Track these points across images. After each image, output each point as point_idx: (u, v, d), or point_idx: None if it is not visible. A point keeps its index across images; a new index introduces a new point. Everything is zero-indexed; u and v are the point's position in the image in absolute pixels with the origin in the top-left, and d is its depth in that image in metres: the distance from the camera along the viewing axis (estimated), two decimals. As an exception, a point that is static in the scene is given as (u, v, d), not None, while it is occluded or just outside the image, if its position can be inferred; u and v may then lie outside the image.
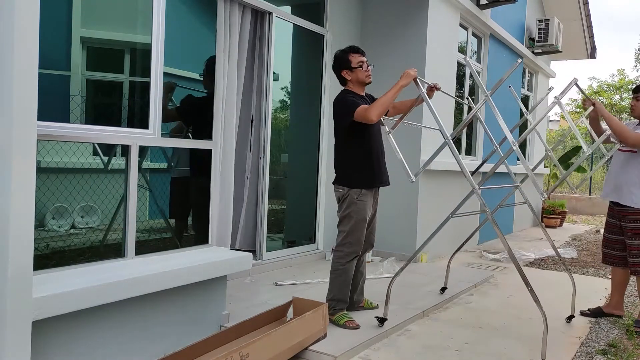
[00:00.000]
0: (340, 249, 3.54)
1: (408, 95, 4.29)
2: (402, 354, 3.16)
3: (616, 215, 4.00)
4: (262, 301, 3.92)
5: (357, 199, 3.48)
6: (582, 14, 10.08)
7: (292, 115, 5.86)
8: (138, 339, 2.83)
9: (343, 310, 3.55)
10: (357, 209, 3.49)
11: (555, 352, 3.31)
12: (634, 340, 3.63)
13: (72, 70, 3.17)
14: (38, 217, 2.78)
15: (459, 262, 5.92)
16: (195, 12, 4.30)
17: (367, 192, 3.52)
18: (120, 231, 3.18)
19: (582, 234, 9.39)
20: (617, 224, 4.01)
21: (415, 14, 5.79)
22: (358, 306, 3.79)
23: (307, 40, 5.60)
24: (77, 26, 3.21)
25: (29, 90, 2.12)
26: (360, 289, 3.81)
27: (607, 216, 4.13)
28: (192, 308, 3.15)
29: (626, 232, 3.90)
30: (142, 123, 3.36)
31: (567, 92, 3.44)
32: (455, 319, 3.89)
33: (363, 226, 3.53)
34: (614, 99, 24.14)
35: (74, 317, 2.48)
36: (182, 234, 4.06)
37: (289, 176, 5.84)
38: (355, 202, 3.48)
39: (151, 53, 3.38)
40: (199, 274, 3.09)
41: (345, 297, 3.56)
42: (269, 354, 2.68)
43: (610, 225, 4.08)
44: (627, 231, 3.88)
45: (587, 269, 6.11)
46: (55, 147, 2.88)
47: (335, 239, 3.63)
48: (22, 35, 2.08)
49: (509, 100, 5.36)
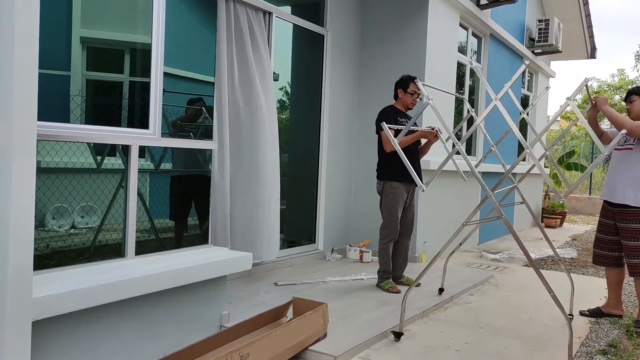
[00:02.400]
0: (381, 232, 4.46)
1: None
2: (402, 354, 3.16)
3: (610, 215, 3.96)
4: (262, 301, 3.92)
5: (390, 190, 4.34)
6: (582, 14, 10.08)
7: (292, 115, 5.86)
8: (138, 339, 2.82)
9: (388, 278, 4.46)
10: (390, 199, 4.35)
11: (555, 352, 3.31)
12: (634, 340, 3.62)
13: (72, 70, 3.17)
14: (38, 217, 2.78)
15: (459, 262, 5.92)
16: (195, 12, 4.30)
17: (397, 184, 4.33)
18: (120, 231, 3.18)
19: (582, 234, 9.39)
20: (611, 225, 3.96)
21: (415, 14, 5.79)
22: (399, 281, 4.57)
23: (307, 40, 5.60)
24: (77, 26, 3.21)
25: (29, 90, 2.11)
26: (399, 267, 4.59)
27: (601, 216, 4.08)
28: (192, 308, 3.15)
29: (623, 232, 3.85)
30: (142, 123, 3.36)
31: (578, 92, 3.40)
32: (455, 319, 3.89)
33: (396, 214, 4.37)
34: (614, 99, 24.14)
35: (74, 317, 2.48)
36: (182, 234, 4.06)
37: (289, 176, 5.84)
38: (388, 193, 4.35)
39: (151, 53, 3.38)
40: (199, 274, 3.09)
41: (388, 268, 4.47)
42: (269, 354, 2.68)
43: (604, 226, 4.03)
44: (624, 232, 3.84)
45: (587, 268, 6.11)
46: (55, 147, 2.88)
47: (335, 239, 3.68)
48: (22, 35, 2.08)
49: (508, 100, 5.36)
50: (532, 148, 3.21)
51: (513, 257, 6.33)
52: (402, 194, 4.36)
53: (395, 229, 4.39)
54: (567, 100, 3.40)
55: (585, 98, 22.83)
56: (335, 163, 5.86)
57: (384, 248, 4.42)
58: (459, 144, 3.33)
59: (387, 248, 4.42)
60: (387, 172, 4.38)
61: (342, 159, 6.00)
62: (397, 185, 4.32)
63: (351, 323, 3.52)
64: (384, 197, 4.40)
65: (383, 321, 3.57)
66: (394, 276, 4.55)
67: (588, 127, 3.26)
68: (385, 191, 4.37)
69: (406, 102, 4.49)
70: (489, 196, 3.28)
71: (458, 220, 4.69)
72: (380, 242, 4.44)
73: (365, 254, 5.60)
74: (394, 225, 4.38)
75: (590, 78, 3.47)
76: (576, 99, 24.76)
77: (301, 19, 5.32)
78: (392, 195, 4.33)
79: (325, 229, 5.71)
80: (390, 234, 4.39)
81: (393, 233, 4.40)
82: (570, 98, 3.43)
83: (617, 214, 3.87)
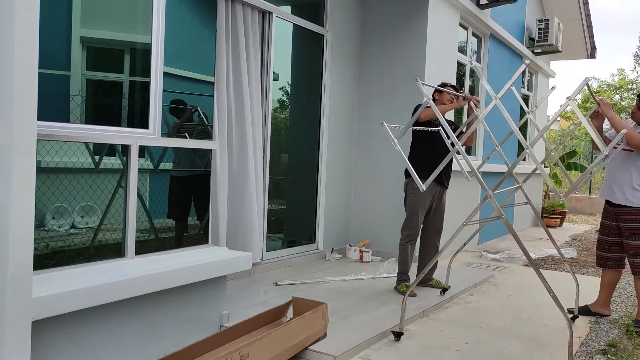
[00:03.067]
0: (402, 232, 4.35)
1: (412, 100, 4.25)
2: (402, 354, 3.16)
3: (612, 217, 3.96)
4: (262, 301, 3.92)
5: (413, 189, 4.18)
6: (582, 14, 10.07)
7: (292, 115, 5.86)
8: (138, 339, 2.82)
9: (406, 281, 4.33)
10: (412, 198, 4.25)
11: (555, 352, 3.31)
12: (634, 340, 3.62)
13: (72, 70, 3.16)
14: (38, 217, 2.78)
15: (459, 262, 5.92)
16: (195, 12, 4.30)
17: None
18: (120, 231, 3.18)
19: (582, 233, 9.39)
20: (613, 226, 3.96)
21: (415, 13, 5.79)
22: (427, 284, 4.46)
23: (307, 40, 5.60)
24: (77, 26, 3.21)
25: (29, 90, 2.11)
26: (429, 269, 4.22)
27: (602, 217, 4.08)
28: (192, 308, 3.15)
29: (625, 232, 3.86)
30: (142, 123, 3.36)
31: (579, 92, 3.40)
32: (455, 319, 3.89)
33: (417, 215, 4.26)
34: (614, 99, 24.15)
35: (74, 317, 2.48)
36: (182, 234, 4.06)
37: (289, 176, 5.84)
38: (412, 192, 4.23)
39: (151, 53, 3.38)
40: (199, 274, 3.09)
41: (406, 270, 4.32)
42: (269, 354, 2.68)
43: (605, 227, 4.03)
44: (626, 231, 3.85)
45: (587, 268, 6.11)
46: (55, 147, 2.88)
47: (335, 238, 3.68)
48: (22, 35, 2.08)
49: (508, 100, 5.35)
50: (532, 148, 3.20)
51: (513, 257, 6.33)
52: (425, 195, 4.20)
53: (416, 230, 4.31)
54: (568, 100, 3.39)
55: (585, 97, 22.85)
56: (335, 163, 5.86)
57: (403, 249, 4.34)
58: (459, 144, 3.32)
59: (407, 249, 4.33)
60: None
61: (342, 159, 6.00)
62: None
63: (351, 323, 3.52)
64: (406, 195, 4.35)
65: (383, 321, 3.57)
66: (424, 279, 4.37)
67: (589, 127, 3.26)
68: (409, 190, 4.31)
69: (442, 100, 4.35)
70: (489, 196, 3.28)
71: (458, 220, 4.69)
72: (400, 243, 4.37)
73: (365, 253, 5.60)
74: (414, 227, 4.30)
75: (590, 78, 3.45)
76: (576, 99, 24.78)
77: (301, 19, 5.32)
78: (415, 195, 4.24)
79: (325, 229, 5.71)
80: (410, 234, 4.31)
81: (413, 234, 4.32)
82: (571, 98, 3.42)
83: (618, 214, 3.88)
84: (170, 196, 3.94)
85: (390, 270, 5.04)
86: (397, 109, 5.75)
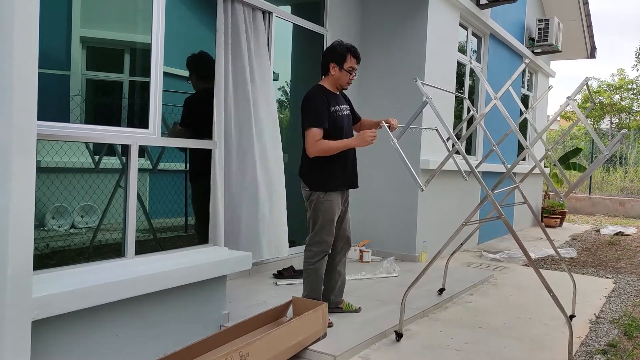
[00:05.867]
0: (309, 248, 3.48)
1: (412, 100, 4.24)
2: (402, 354, 3.16)
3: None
4: (262, 301, 3.92)
5: (324, 199, 3.40)
6: (582, 14, 10.08)
7: (292, 115, 5.86)
8: (138, 339, 2.82)
9: None
10: (326, 206, 3.41)
11: (555, 352, 3.31)
12: (633, 340, 3.63)
13: (72, 70, 3.17)
14: (38, 217, 2.78)
15: (458, 262, 5.92)
16: (195, 12, 4.30)
17: (332, 194, 3.43)
18: (120, 231, 3.18)
19: (582, 233, 9.39)
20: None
21: (415, 13, 5.79)
22: (336, 307, 3.66)
23: (307, 40, 5.60)
24: (77, 26, 3.21)
25: (29, 90, 2.12)
26: (338, 290, 3.69)
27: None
28: (192, 308, 3.15)
29: None
30: (142, 123, 3.36)
31: (579, 91, 3.40)
32: (455, 319, 3.89)
33: (332, 225, 3.46)
34: (614, 99, 24.15)
35: (73, 317, 2.48)
36: (182, 234, 4.06)
37: (289, 176, 5.83)
38: (322, 201, 3.41)
39: (151, 53, 3.38)
40: (199, 274, 3.09)
41: (317, 295, 3.49)
42: (269, 354, 2.68)
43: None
44: None
45: (587, 268, 6.11)
46: (55, 147, 2.88)
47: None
48: (22, 35, 2.08)
49: (508, 100, 5.36)
50: (532, 148, 3.20)
51: (513, 257, 6.33)
52: (337, 201, 3.48)
53: (328, 244, 3.47)
54: (568, 99, 3.40)
55: (585, 97, 22.84)
56: (335, 163, 5.85)
57: (314, 269, 3.46)
58: (459, 143, 3.33)
59: (318, 269, 3.48)
60: (318, 179, 3.42)
61: (342, 158, 5.99)
62: (331, 192, 3.43)
63: (351, 323, 3.52)
64: (313, 207, 3.44)
65: (383, 321, 3.57)
66: (330, 301, 3.62)
67: (589, 127, 3.26)
68: (317, 200, 3.43)
69: (341, 81, 3.50)
70: (489, 196, 3.28)
71: (458, 220, 4.69)
72: (307, 262, 3.48)
73: (365, 253, 5.60)
74: (326, 241, 3.46)
75: (590, 77, 3.46)
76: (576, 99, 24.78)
77: (301, 19, 5.32)
78: (327, 204, 3.41)
79: (325, 229, 5.71)
80: (322, 250, 3.47)
81: (325, 249, 3.48)
82: (571, 97, 3.43)
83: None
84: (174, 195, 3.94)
85: (390, 270, 5.05)
86: (397, 108, 5.75)
